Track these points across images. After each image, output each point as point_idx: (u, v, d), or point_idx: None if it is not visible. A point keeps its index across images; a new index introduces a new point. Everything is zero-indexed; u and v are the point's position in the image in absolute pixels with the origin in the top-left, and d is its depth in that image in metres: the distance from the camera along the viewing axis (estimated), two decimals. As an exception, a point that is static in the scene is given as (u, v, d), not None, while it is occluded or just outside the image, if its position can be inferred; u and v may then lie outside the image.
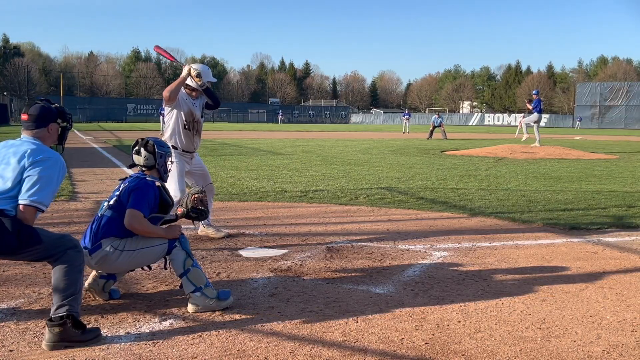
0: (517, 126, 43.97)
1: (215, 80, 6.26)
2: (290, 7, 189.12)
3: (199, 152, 6.60)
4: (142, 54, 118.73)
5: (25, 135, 3.73)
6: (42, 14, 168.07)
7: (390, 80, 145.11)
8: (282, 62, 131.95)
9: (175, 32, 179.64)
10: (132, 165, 4.53)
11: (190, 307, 4.12)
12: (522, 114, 53.08)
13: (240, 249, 5.97)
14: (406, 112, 53.20)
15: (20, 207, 3.46)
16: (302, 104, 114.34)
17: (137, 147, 4.48)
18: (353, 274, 5.10)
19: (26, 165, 3.53)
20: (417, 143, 28.43)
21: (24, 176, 3.52)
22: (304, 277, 4.99)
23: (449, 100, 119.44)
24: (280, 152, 20.40)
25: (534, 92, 21.01)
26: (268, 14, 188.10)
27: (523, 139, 19.75)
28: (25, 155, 3.56)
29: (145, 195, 4.15)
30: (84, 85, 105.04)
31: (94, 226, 4.13)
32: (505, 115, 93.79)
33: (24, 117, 3.76)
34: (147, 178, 4.30)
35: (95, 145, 24.32)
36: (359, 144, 27.42)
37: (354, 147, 24.10)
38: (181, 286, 4.19)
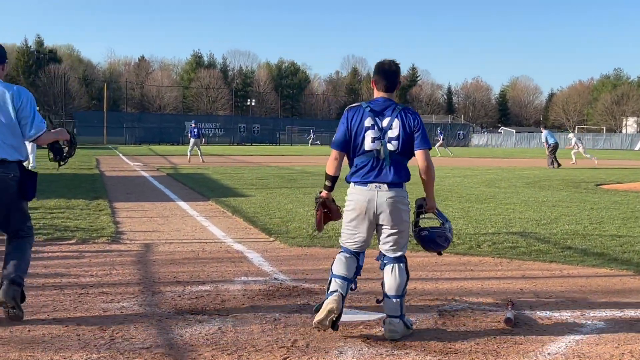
0: None
1: None
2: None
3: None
4: (205, 58, 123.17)
5: None
6: (83, 11, 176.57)
7: (526, 89, 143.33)
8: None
9: (244, 33, 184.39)
10: (392, 86, 5.35)
11: (389, 334, 5.14)
12: (574, 134, 47.52)
13: (323, 310, 6.00)
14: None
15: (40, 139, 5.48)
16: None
17: (384, 67, 5.34)
18: (474, 348, 5.02)
19: (17, 107, 5.21)
20: (562, 173, 27.77)
21: (19, 117, 5.24)
22: (408, 350, 4.95)
23: (606, 116, 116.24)
24: (377, 184, 20.43)
25: None
26: (363, 9, 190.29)
27: None
28: (13, 98, 5.20)
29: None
30: (132, 98, 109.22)
31: (388, 161, 5.31)
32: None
33: None
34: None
35: (144, 174, 25.33)
36: (482, 173, 27.15)
37: (476, 178, 23.86)
38: (379, 301, 5.38)
